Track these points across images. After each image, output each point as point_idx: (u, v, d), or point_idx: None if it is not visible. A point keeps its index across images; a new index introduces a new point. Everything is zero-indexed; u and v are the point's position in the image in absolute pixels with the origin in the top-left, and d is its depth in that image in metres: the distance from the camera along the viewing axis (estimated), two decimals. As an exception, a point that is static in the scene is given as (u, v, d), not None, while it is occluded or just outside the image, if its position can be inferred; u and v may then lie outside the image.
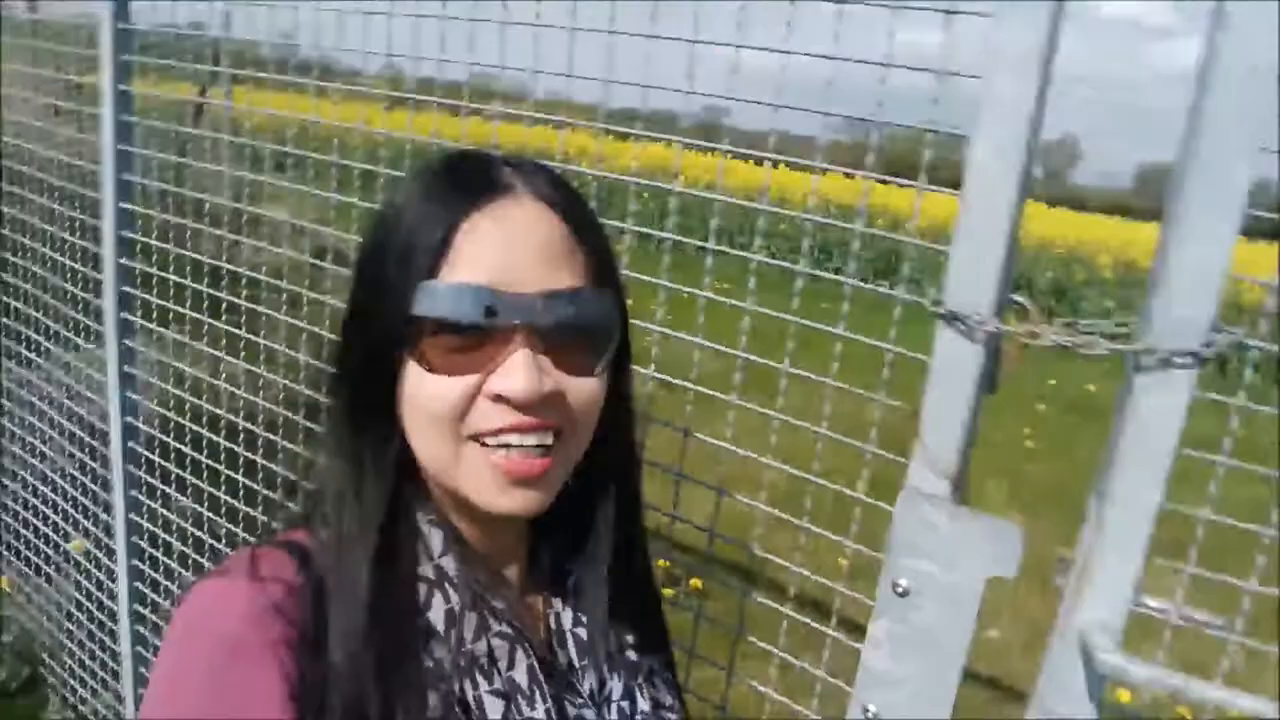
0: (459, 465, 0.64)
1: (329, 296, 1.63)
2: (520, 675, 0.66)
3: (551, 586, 0.76)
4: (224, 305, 1.83)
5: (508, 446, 0.62)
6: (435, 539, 0.67)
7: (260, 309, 1.76)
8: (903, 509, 0.91)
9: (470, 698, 0.63)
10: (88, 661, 2.53)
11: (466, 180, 0.65)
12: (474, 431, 0.63)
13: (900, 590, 0.93)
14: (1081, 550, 0.88)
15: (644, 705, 0.75)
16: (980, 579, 0.88)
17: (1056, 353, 0.84)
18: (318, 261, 1.73)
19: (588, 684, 0.72)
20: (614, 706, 0.72)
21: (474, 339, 0.61)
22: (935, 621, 0.92)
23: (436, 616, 0.64)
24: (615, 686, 0.74)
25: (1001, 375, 0.90)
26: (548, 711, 0.66)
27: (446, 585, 0.65)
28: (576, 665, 0.72)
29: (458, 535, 0.69)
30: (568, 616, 0.74)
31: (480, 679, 0.64)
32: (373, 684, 0.59)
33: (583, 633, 0.74)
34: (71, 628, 2.59)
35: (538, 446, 0.63)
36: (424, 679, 0.61)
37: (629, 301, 0.72)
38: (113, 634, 2.35)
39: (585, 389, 0.65)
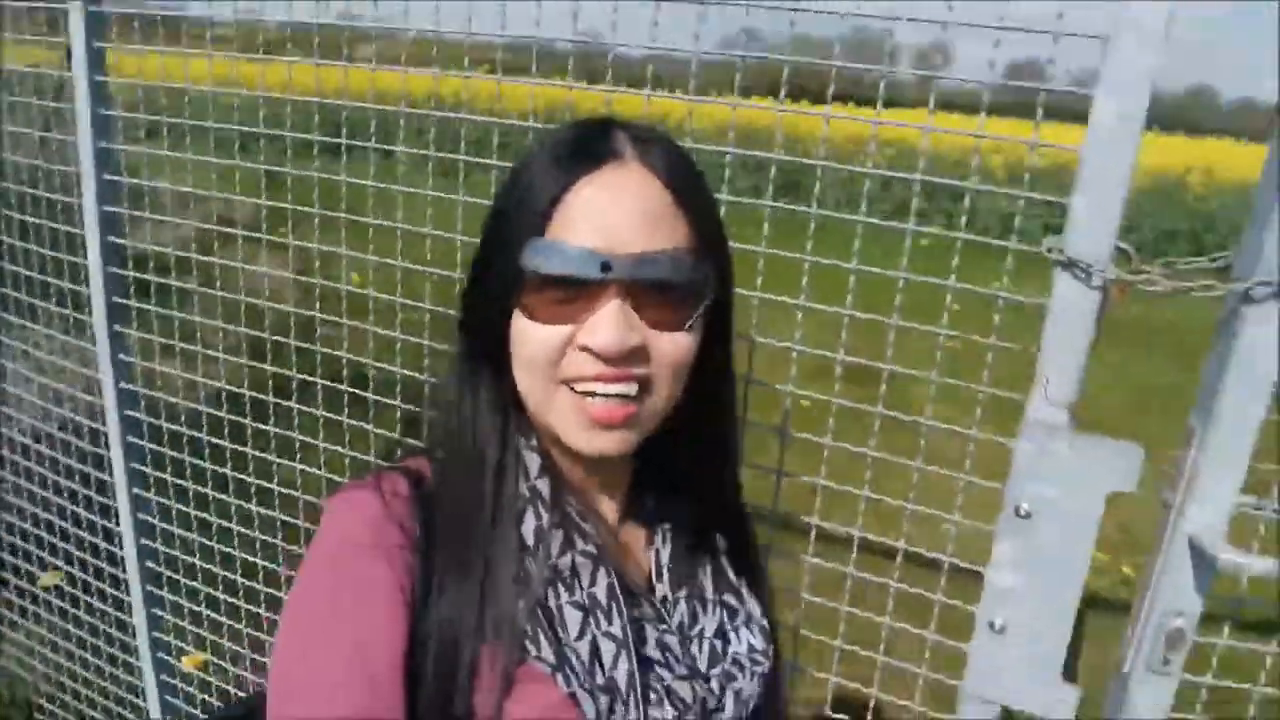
0: (551, 406, 0.70)
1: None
2: (600, 591, 0.71)
3: (652, 526, 0.82)
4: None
5: (593, 394, 0.68)
6: (533, 464, 0.75)
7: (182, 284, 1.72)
8: (1025, 440, 1.00)
9: (553, 606, 0.70)
10: (100, 700, 2.42)
11: (583, 147, 0.70)
12: (565, 377, 0.69)
13: (1023, 513, 1.02)
14: (1184, 464, 0.99)
15: (737, 647, 0.79)
16: (1100, 497, 0.98)
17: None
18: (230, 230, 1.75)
19: (678, 617, 0.77)
20: (705, 643, 0.77)
21: (571, 293, 0.67)
22: (1057, 540, 1.01)
23: (528, 531, 0.72)
24: (708, 623, 0.78)
25: (1104, 315, 0.98)
26: (623, 628, 0.71)
27: (539, 503, 0.73)
28: (670, 598, 0.78)
29: (554, 464, 0.77)
30: (665, 553, 0.80)
31: (562, 590, 0.71)
32: (472, 585, 0.69)
33: (677, 569, 0.80)
34: (75, 666, 2.46)
35: (620, 396, 0.69)
36: (514, 583, 0.70)
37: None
38: (128, 666, 2.25)
39: (672, 345, 0.69)
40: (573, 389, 0.69)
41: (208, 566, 1.96)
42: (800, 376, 1.17)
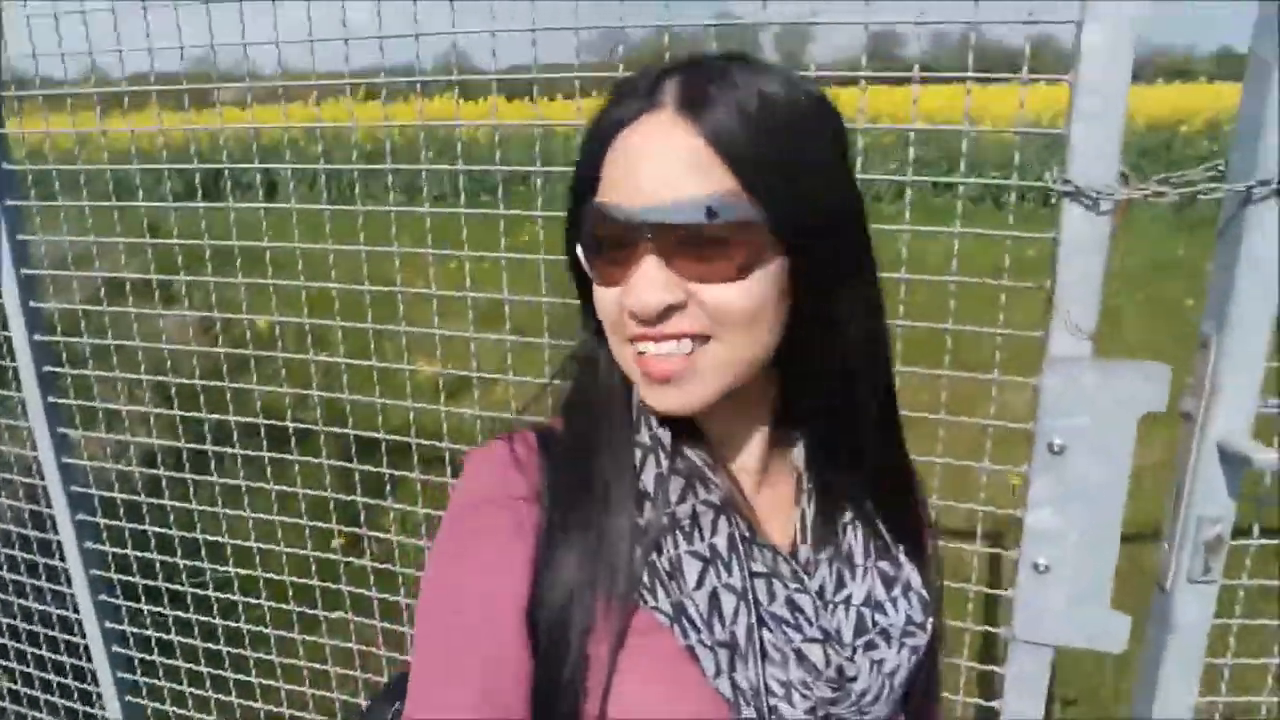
0: (626, 364, 0.70)
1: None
2: (721, 541, 0.69)
3: (800, 482, 0.78)
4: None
5: (645, 354, 0.67)
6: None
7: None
8: (1050, 376, 1.00)
9: (670, 555, 0.69)
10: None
11: (630, 96, 0.67)
12: (627, 336, 0.68)
13: (1056, 448, 1.02)
14: (1201, 374, 1.00)
15: (892, 619, 0.74)
16: (1133, 421, 0.99)
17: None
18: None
19: (818, 579, 0.73)
20: (852, 610, 0.73)
21: (614, 254, 0.66)
22: (1094, 469, 1.02)
23: (648, 479, 0.71)
24: (856, 590, 0.74)
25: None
26: (743, 579, 0.68)
27: (659, 451, 0.72)
28: (812, 559, 0.75)
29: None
30: (810, 512, 0.76)
31: (681, 539, 0.69)
32: (588, 534, 0.69)
33: (821, 529, 0.75)
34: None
35: (669, 355, 0.66)
36: (630, 531, 0.69)
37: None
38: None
39: (723, 293, 0.65)
40: (634, 346, 0.68)
41: (185, 640, 1.85)
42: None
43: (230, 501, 1.74)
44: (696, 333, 0.66)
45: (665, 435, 0.72)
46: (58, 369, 1.76)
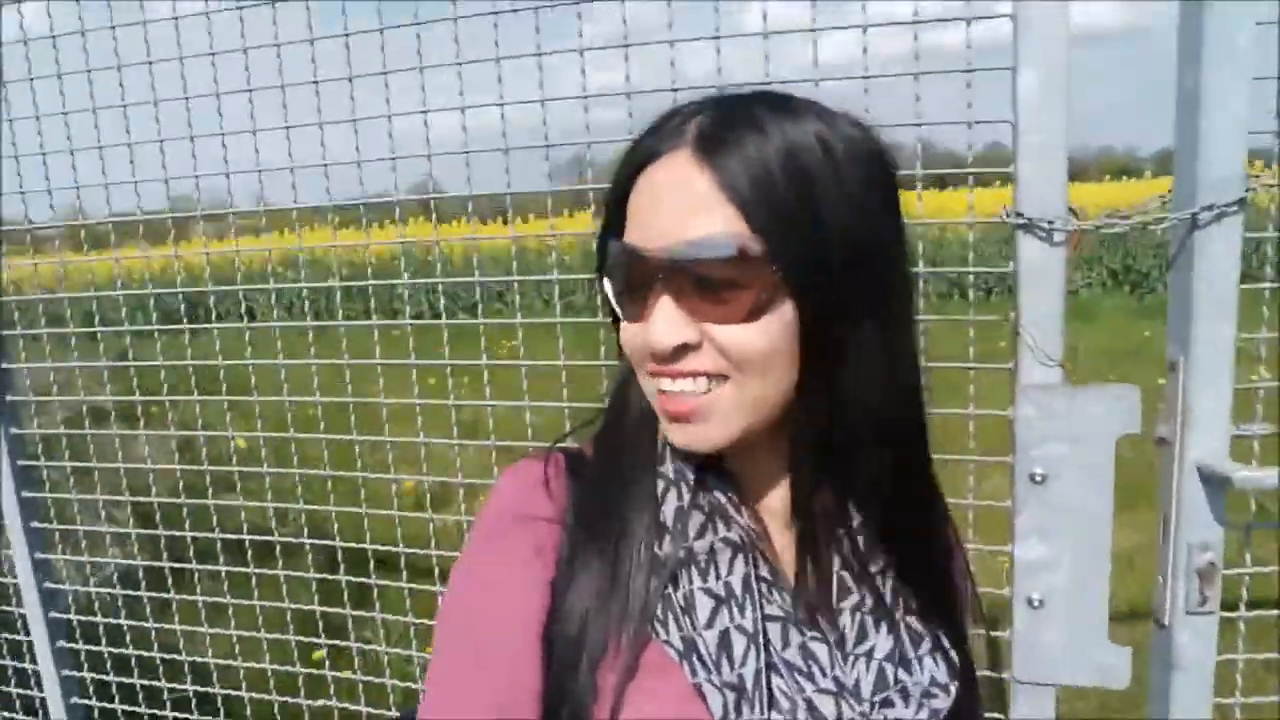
0: (651, 398, 0.70)
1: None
2: (736, 580, 0.68)
3: (828, 527, 0.74)
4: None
5: (664, 391, 0.68)
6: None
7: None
8: (1023, 406, 1.02)
9: (685, 590, 0.68)
10: None
11: (656, 133, 0.68)
12: (648, 372, 0.69)
13: (1038, 478, 1.03)
14: (1173, 398, 1.02)
15: (917, 677, 0.71)
16: (1111, 444, 1.00)
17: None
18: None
19: (841, 627, 0.71)
20: (874, 664, 0.70)
21: (635, 291, 0.67)
22: (1077, 495, 1.02)
23: (668, 511, 0.71)
24: (880, 643, 0.71)
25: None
26: (755, 621, 0.66)
27: (682, 485, 0.72)
28: (835, 607, 0.72)
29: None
30: (838, 560, 0.73)
31: (695, 575, 0.68)
32: (604, 562, 0.69)
33: (848, 577, 0.73)
34: None
35: (687, 392, 0.66)
36: (645, 563, 0.69)
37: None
38: None
39: (736, 334, 0.65)
40: (656, 381, 0.69)
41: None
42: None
43: (213, 618, 1.71)
44: (713, 372, 0.66)
45: (689, 469, 0.72)
46: (37, 494, 1.76)
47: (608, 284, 0.70)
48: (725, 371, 0.66)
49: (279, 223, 1.58)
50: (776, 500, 0.75)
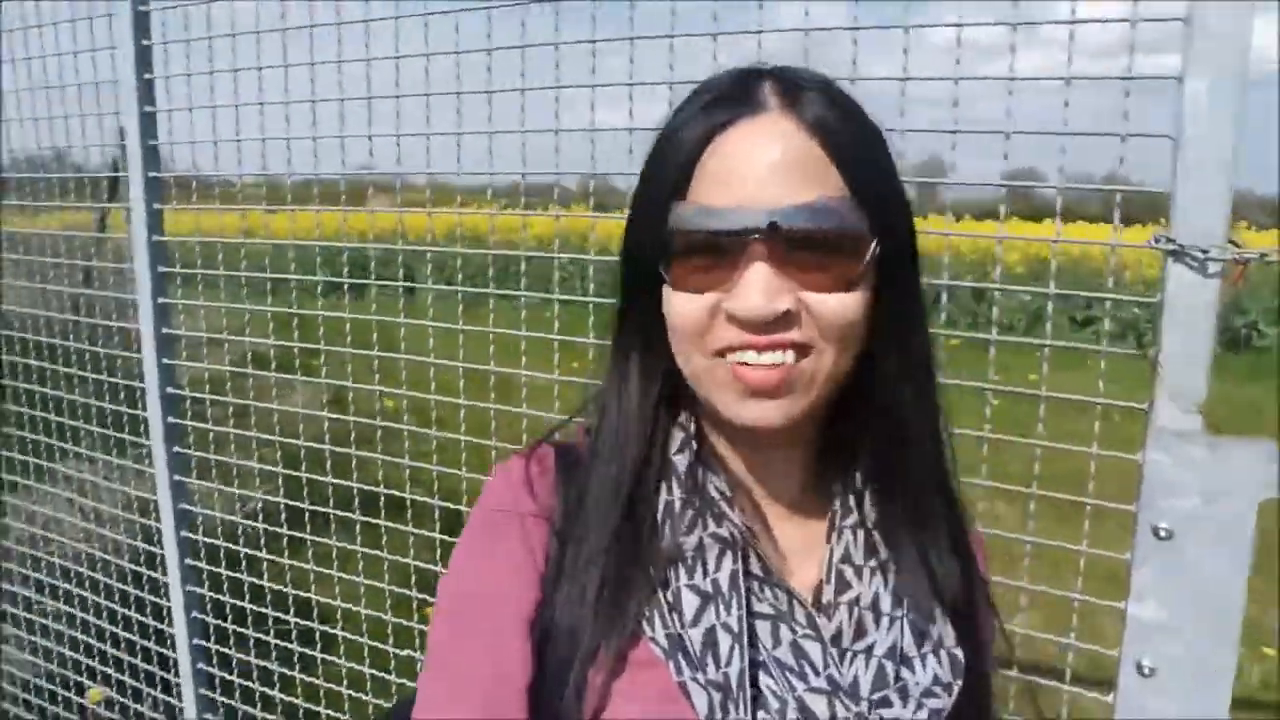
0: (706, 378, 0.66)
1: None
2: (723, 578, 0.65)
3: (833, 520, 0.72)
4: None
5: (745, 363, 0.63)
6: (676, 438, 0.71)
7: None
8: (1154, 451, 0.92)
9: (672, 587, 0.66)
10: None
11: (725, 99, 0.65)
12: (717, 348, 0.64)
13: (1162, 533, 0.93)
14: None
15: (918, 676, 0.67)
16: (1251, 506, 0.89)
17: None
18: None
19: (834, 625, 0.67)
20: (873, 661, 0.66)
21: (714, 258, 0.63)
22: (1206, 560, 0.92)
23: (660, 506, 0.69)
24: (880, 640, 0.67)
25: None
26: (740, 619, 0.64)
27: (674, 479, 0.69)
28: (833, 603, 0.68)
29: (705, 441, 0.72)
30: (837, 552, 0.70)
31: (683, 572, 0.66)
32: (592, 559, 0.67)
33: (848, 570, 0.69)
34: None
35: (775, 364, 0.63)
36: (634, 559, 0.66)
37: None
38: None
39: (834, 304, 0.63)
40: (724, 357, 0.64)
41: (266, 691, 1.88)
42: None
43: (343, 564, 1.79)
44: (803, 343, 0.63)
45: (682, 462, 0.70)
46: (180, 421, 1.89)
47: (651, 256, 0.66)
48: (811, 342, 0.63)
49: (442, 202, 1.64)
50: (783, 490, 0.73)
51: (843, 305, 0.63)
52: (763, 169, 0.62)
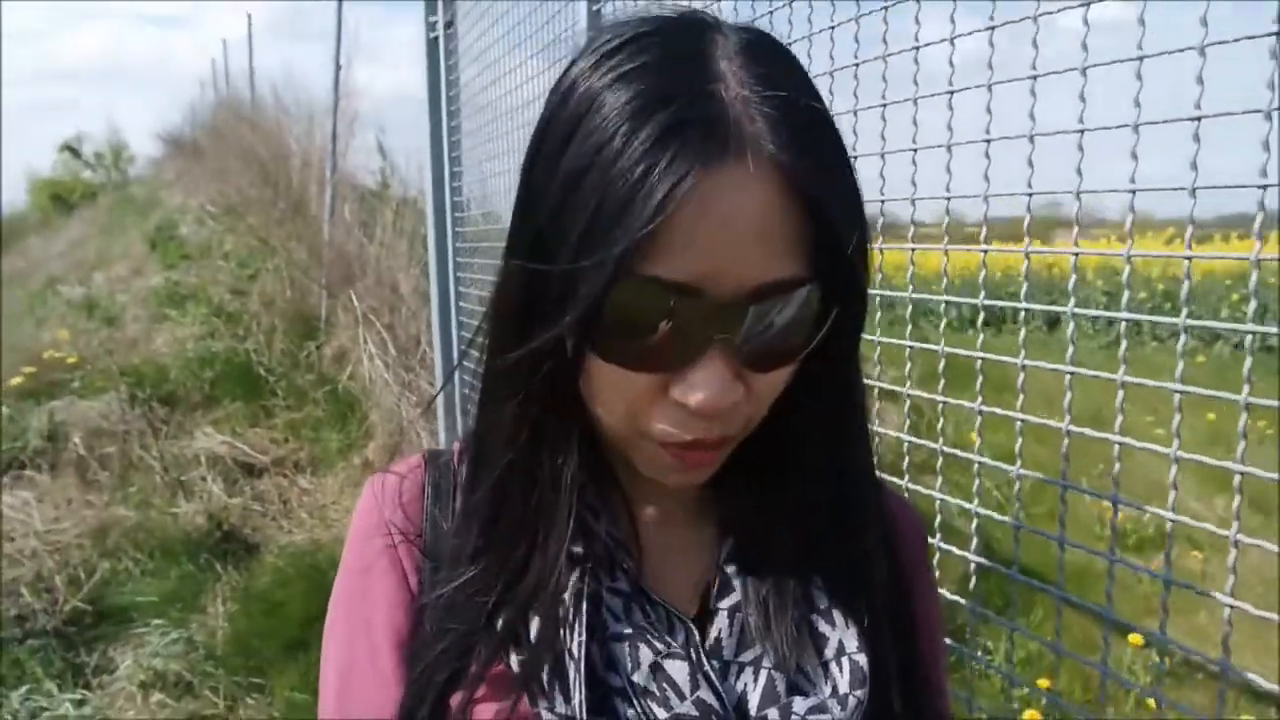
0: (634, 448, 0.60)
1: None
2: (568, 598, 0.59)
3: (729, 521, 0.66)
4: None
5: (677, 442, 0.57)
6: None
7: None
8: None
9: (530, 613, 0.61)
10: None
11: (687, 124, 0.50)
12: (653, 434, 0.57)
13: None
14: None
15: (817, 685, 0.61)
16: None
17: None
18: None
19: (714, 635, 0.62)
20: (762, 673, 0.60)
21: (659, 339, 0.53)
22: None
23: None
24: (769, 650, 0.61)
25: None
26: (580, 644, 0.57)
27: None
28: (712, 610, 0.63)
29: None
30: (724, 552, 0.65)
31: (535, 597, 0.61)
32: (452, 578, 0.64)
33: (733, 577, 0.63)
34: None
35: (712, 447, 0.58)
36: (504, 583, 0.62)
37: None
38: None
39: (774, 379, 0.57)
40: (656, 437, 0.57)
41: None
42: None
43: None
44: (740, 417, 0.58)
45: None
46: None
47: (555, 314, 0.54)
48: (750, 418, 0.59)
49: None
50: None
51: (783, 378, 0.58)
52: (740, 239, 0.51)
